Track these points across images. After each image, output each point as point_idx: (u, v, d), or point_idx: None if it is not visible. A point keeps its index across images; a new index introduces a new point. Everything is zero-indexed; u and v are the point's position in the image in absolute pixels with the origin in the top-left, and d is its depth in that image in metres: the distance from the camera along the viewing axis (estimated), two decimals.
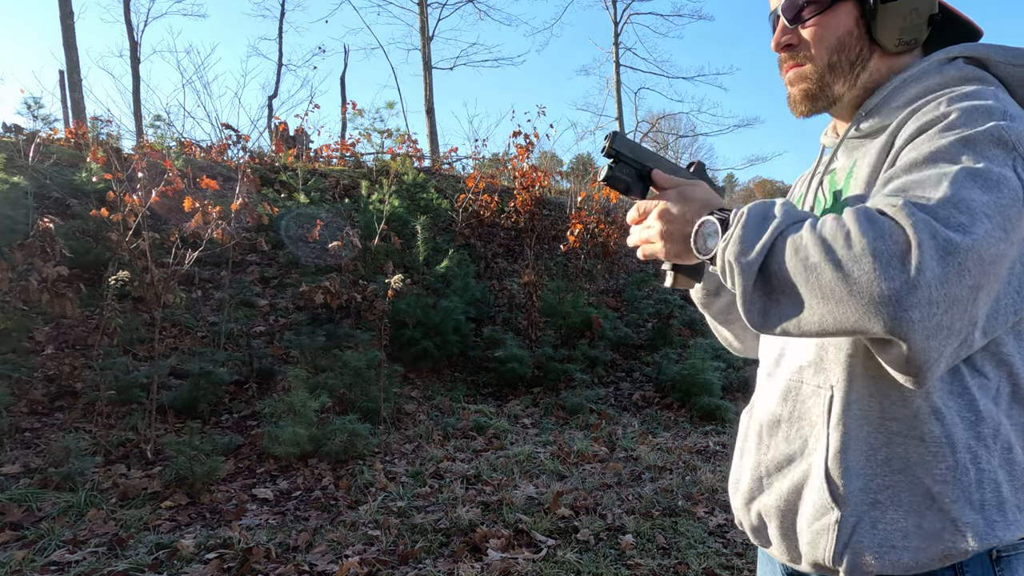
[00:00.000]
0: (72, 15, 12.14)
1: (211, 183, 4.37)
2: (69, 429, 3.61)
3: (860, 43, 0.88)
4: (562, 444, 4.30)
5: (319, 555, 2.74)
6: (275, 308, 5.45)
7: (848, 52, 0.88)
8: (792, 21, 0.90)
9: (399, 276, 4.50)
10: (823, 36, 0.88)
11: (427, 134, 15.40)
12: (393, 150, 9.24)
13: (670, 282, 0.96)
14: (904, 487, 0.77)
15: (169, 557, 2.64)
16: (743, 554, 2.92)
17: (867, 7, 0.86)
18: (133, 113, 14.68)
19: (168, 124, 13.82)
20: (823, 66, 0.89)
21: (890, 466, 0.78)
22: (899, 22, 0.85)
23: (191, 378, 4.08)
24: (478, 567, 2.69)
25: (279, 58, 17.56)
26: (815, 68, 0.89)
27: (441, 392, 5.07)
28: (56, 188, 5.61)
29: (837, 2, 0.87)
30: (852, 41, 0.88)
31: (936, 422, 0.76)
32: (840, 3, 0.87)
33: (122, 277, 3.69)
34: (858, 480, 0.78)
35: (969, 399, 0.77)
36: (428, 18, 16.08)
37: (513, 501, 3.31)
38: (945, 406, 0.76)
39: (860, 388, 0.80)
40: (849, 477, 0.79)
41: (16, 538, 2.69)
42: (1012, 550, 0.78)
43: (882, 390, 0.79)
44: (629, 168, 0.92)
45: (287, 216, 6.05)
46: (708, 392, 5.23)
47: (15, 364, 3.95)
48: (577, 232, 6.75)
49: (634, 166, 0.92)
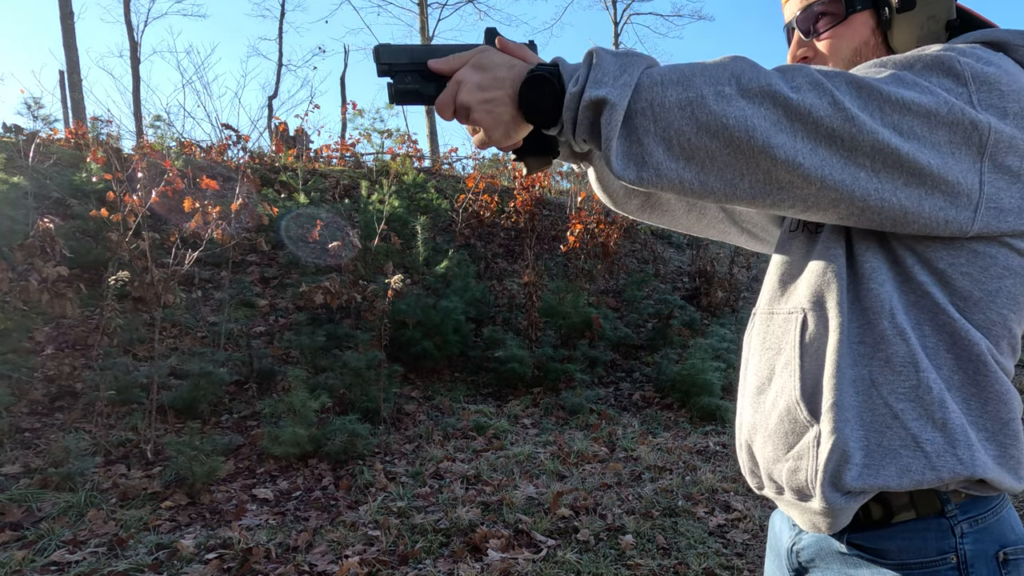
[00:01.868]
0: (72, 15, 12.15)
1: (211, 183, 4.37)
2: (69, 429, 3.61)
3: (877, 53, 0.86)
4: (562, 444, 4.30)
5: (319, 555, 2.74)
6: (275, 308, 5.45)
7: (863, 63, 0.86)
8: (807, 34, 0.89)
9: (399, 276, 4.50)
10: (839, 48, 0.87)
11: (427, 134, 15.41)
12: (393, 150, 9.25)
13: (525, 170, 0.85)
14: (867, 407, 0.77)
15: (169, 557, 2.64)
16: (743, 554, 2.92)
17: (883, 17, 0.85)
18: (133, 113, 14.71)
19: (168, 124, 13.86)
20: None
21: (855, 387, 0.78)
22: (916, 30, 0.84)
23: (191, 378, 4.08)
24: (478, 567, 2.69)
25: (279, 58, 17.64)
26: None
27: (441, 392, 5.07)
28: (56, 188, 5.61)
29: (852, 13, 0.86)
30: (868, 52, 0.86)
31: (901, 342, 0.76)
32: (855, 14, 0.86)
33: (122, 277, 3.69)
34: (831, 396, 0.78)
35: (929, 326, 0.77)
36: (428, 18, 16.09)
37: (513, 501, 3.31)
38: (910, 329, 0.76)
39: (835, 309, 0.79)
40: (824, 394, 0.78)
41: (16, 538, 2.68)
42: (1021, 553, 0.77)
43: (851, 312, 0.79)
44: (411, 75, 0.80)
45: (287, 216, 6.05)
46: (708, 392, 5.22)
47: (15, 364, 3.95)
48: (577, 232, 6.75)
49: (415, 69, 0.80)
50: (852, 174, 0.70)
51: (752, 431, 0.89)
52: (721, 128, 0.68)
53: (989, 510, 0.78)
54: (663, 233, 8.93)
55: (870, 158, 0.70)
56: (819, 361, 0.80)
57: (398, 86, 0.80)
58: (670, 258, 8.52)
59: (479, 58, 0.76)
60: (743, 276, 8.10)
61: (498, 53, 0.78)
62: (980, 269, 0.76)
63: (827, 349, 0.79)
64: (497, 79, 0.75)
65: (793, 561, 0.91)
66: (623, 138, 0.70)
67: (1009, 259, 0.76)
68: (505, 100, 0.75)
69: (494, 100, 0.75)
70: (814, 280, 0.82)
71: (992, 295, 0.76)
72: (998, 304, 0.76)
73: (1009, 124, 0.72)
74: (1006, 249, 0.76)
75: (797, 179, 0.70)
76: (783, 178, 0.70)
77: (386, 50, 0.80)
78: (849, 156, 0.69)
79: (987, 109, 0.71)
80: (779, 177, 0.70)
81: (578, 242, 6.80)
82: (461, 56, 0.78)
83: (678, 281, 8.07)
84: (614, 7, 20.23)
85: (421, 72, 0.80)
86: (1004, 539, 0.78)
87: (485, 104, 0.75)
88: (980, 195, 0.72)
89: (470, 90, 0.75)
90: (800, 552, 0.89)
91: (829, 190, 0.71)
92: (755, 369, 0.89)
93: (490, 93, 0.75)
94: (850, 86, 0.70)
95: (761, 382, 0.87)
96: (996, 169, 0.72)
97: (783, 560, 0.93)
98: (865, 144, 0.69)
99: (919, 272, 0.77)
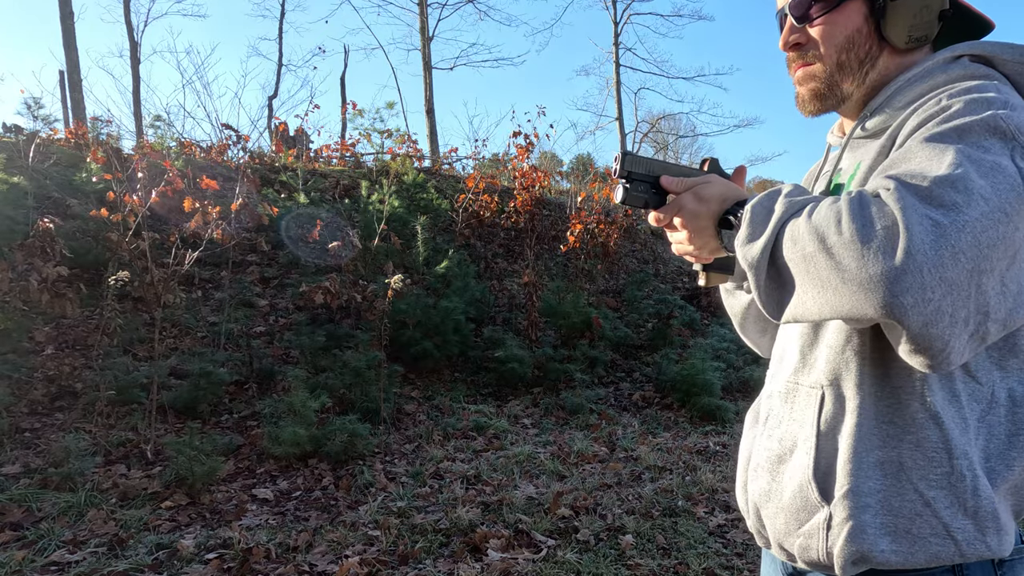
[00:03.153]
0: (72, 15, 12.14)
1: (211, 183, 4.37)
2: (69, 429, 3.61)
3: (869, 41, 0.87)
4: (562, 444, 4.30)
5: (319, 555, 2.74)
6: (275, 308, 5.45)
7: (857, 50, 0.86)
8: (800, 20, 0.89)
9: (399, 276, 4.50)
10: (832, 34, 0.87)
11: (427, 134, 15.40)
12: (393, 150, 9.25)
13: (703, 281, 0.98)
14: (895, 491, 0.75)
15: (169, 557, 2.64)
16: (743, 554, 2.92)
17: (876, 5, 0.85)
18: (133, 113, 14.69)
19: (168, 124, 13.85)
20: (832, 65, 0.87)
21: (883, 469, 0.76)
22: (909, 19, 0.84)
23: (191, 378, 4.08)
24: (478, 567, 2.69)
25: (279, 58, 17.54)
26: (824, 67, 0.88)
27: (441, 392, 5.07)
28: (56, 188, 5.61)
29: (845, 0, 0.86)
30: (861, 39, 0.86)
31: (934, 427, 0.74)
32: (849, 1, 0.86)
33: (122, 277, 3.69)
34: (847, 482, 0.77)
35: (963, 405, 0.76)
36: (428, 18, 16.07)
37: (513, 501, 3.31)
38: (943, 411, 0.75)
39: (853, 390, 0.79)
40: (838, 478, 0.78)
41: (16, 538, 2.68)
42: (1017, 554, 0.77)
43: (876, 392, 0.78)
44: (643, 184, 0.93)
45: (287, 216, 6.05)
46: (708, 392, 5.22)
47: (15, 364, 3.95)
48: (577, 232, 6.75)
49: (647, 180, 0.93)
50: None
51: (763, 498, 0.88)
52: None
53: None
54: (663, 233, 8.92)
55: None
56: (835, 442, 0.79)
57: (631, 192, 0.93)
58: (670, 258, 8.51)
59: (700, 189, 0.89)
60: None
61: (718, 184, 0.89)
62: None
63: (844, 431, 0.79)
64: (708, 215, 0.88)
65: (788, 565, 0.91)
66: (768, 289, 0.76)
67: None
68: (710, 229, 0.88)
69: (701, 230, 0.89)
70: (833, 356, 0.82)
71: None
72: None
73: None
74: None
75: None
76: None
77: (631, 158, 0.93)
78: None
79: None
80: None
81: (578, 242, 6.80)
82: (689, 182, 0.90)
83: (678, 281, 8.06)
84: (614, 7, 20.22)
85: (651, 184, 0.94)
86: None
87: (696, 231, 0.89)
88: None
89: (687, 215, 0.89)
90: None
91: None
92: (779, 437, 0.88)
93: (700, 224, 0.88)
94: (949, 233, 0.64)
95: (783, 452, 0.86)
96: None
97: (778, 563, 0.95)
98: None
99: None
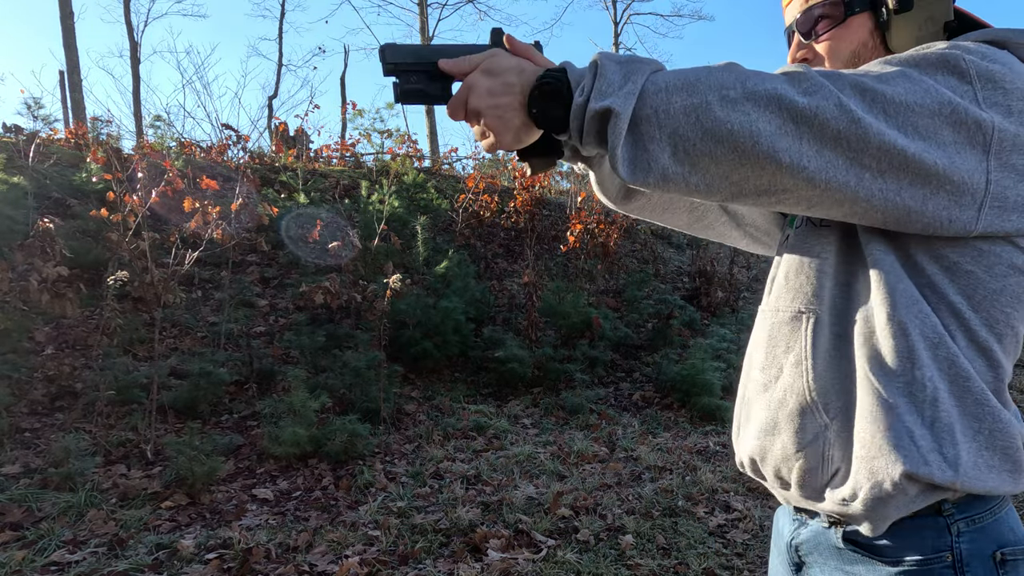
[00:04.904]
0: (72, 15, 12.15)
1: (211, 183, 4.37)
2: (69, 429, 3.61)
3: (875, 54, 0.87)
4: (562, 444, 4.30)
5: (319, 555, 2.74)
6: (275, 308, 5.45)
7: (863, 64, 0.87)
8: (807, 36, 0.90)
9: (399, 276, 4.50)
10: (838, 50, 0.88)
11: (427, 134, 15.41)
12: (393, 150, 9.26)
13: (530, 171, 0.85)
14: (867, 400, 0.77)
15: (169, 557, 2.64)
16: (743, 554, 2.92)
17: (881, 19, 0.86)
18: (133, 113, 14.72)
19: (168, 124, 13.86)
20: None
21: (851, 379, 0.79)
22: (914, 31, 0.85)
23: (191, 378, 4.08)
24: (478, 567, 2.69)
25: (279, 58, 17.63)
26: None
27: (441, 392, 5.07)
28: (56, 188, 5.61)
29: (851, 15, 0.87)
30: (867, 53, 0.87)
31: (901, 337, 0.76)
32: (854, 16, 0.87)
33: (122, 277, 3.69)
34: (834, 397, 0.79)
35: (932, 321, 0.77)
36: (428, 18, 16.09)
37: (513, 501, 3.31)
38: (910, 323, 0.76)
39: (829, 309, 0.81)
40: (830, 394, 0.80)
41: (16, 538, 2.68)
42: (1020, 554, 0.77)
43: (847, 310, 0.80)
44: (417, 75, 0.80)
45: (287, 216, 6.05)
46: (708, 392, 5.22)
47: (15, 364, 3.95)
48: (577, 232, 6.75)
49: (421, 69, 0.80)
50: (857, 175, 0.70)
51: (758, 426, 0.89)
52: (726, 134, 0.68)
53: (987, 510, 0.78)
54: (663, 233, 8.93)
55: (875, 159, 0.70)
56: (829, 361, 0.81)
57: (404, 86, 0.80)
58: (670, 258, 8.52)
59: (489, 63, 0.77)
60: (743, 276, 8.10)
61: (507, 57, 0.78)
62: (985, 267, 0.76)
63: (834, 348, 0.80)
64: (507, 84, 0.75)
65: (793, 555, 0.91)
66: (629, 145, 0.71)
67: (1014, 257, 0.76)
68: (515, 106, 0.75)
69: (504, 106, 0.75)
70: (822, 279, 0.83)
71: (996, 293, 0.76)
72: (1002, 302, 0.76)
73: (1014, 122, 0.72)
74: (1011, 247, 0.76)
75: (801, 182, 0.70)
76: (787, 182, 0.71)
77: (392, 50, 0.80)
78: (854, 158, 0.70)
79: (992, 107, 0.71)
80: (783, 180, 0.71)
81: (578, 242, 6.80)
82: (471, 59, 0.78)
83: (678, 281, 8.06)
84: (614, 7, 20.26)
85: (427, 72, 0.80)
86: (1002, 539, 0.77)
87: (495, 110, 0.76)
88: (985, 194, 0.72)
89: (481, 95, 0.76)
90: (799, 546, 0.90)
91: (834, 191, 0.71)
92: (760, 365, 0.89)
93: (500, 99, 0.75)
94: (855, 88, 0.70)
95: (768, 379, 0.87)
96: (1001, 168, 0.72)
97: (784, 555, 0.94)
98: (871, 145, 0.69)
99: (928, 264, 0.77)
